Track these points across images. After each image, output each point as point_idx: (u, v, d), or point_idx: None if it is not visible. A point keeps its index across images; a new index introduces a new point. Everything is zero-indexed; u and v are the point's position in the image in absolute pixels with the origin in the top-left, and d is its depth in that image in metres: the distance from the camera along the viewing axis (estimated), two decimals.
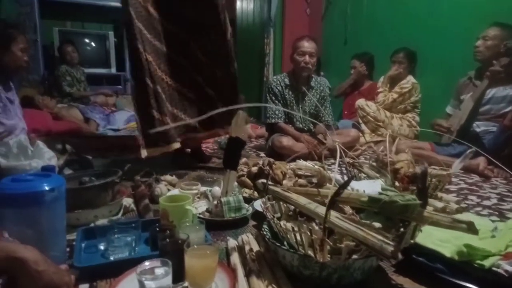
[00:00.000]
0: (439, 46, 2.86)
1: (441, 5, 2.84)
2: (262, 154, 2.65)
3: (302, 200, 0.90)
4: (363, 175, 1.66)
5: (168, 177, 1.66)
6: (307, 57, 2.53)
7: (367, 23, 3.51)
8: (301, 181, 1.27)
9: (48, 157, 1.31)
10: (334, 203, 0.77)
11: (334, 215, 0.78)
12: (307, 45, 2.54)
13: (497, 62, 2.09)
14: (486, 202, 1.62)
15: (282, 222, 0.94)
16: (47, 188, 0.87)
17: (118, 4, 4.50)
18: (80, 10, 4.43)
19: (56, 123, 3.05)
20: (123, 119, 3.53)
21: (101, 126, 3.35)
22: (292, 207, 1.01)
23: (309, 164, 2.04)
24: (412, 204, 0.73)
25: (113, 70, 4.54)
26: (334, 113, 3.00)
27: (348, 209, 0.93)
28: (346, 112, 3.47)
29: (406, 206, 0.73)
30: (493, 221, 1.33)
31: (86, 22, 4.68)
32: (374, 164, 1.67)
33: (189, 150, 2.31)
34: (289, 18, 4.80)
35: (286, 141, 2.42)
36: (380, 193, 0.78)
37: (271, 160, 1.64)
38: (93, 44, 4.48)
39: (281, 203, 1.06)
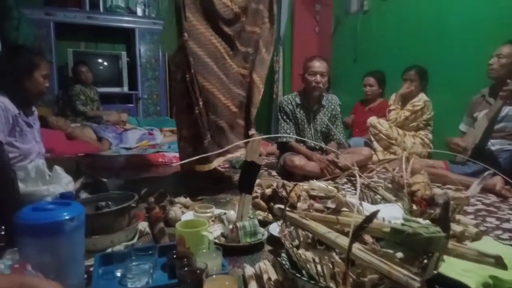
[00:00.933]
0: (450, 64, 2.86)
1: (452, 22, 2.85)
2: (274, 173, 2.64)
3: (322, 229, 0.89)
4: (379, 196, 1.64)
5: (182, 199, 1.66)
6: (318, 77, 2.55)
7: (377, 41, 3.53)
8: (317, 205, 1.25)
9: (65, 182, 1.33)
10: (358, 236, 0.75)
11: (355, 246, 0.76)
12: (318, 65, 2.56)
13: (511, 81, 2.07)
14: (505, 225, 1.59)
15: (301, 251, 0.93)
16: (67, 217, 0.87)
17: (130, 25, 4.64)
18: (94, 31, 4.56)
19: (69, 143, 3.11)
20: (135, 138, 3.57)
21: (114, 145, 3.38)
22: (311, 234, 1.00)
23: (322, 184, 2.03)
24: (436, 237, 0.71)
25: (125, 89, 4.62)
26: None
27: (368, 237, 0.92)
28: (357, 130, 3.46)
29: (431, 239, 0.71)
30: None
31: (100, 42, 4.80)
32: (389, 185, 1.65)
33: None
34: (298, 36, 4.85)
35: (298, 160, 2.41)
36: (403, 224, 0.77)
37: (285, 182, 1.64)
38: (106, 64, 4.58)
39: (299, 230, 1.05)
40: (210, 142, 1.94)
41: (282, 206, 1.12)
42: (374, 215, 0.74)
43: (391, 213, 1.23)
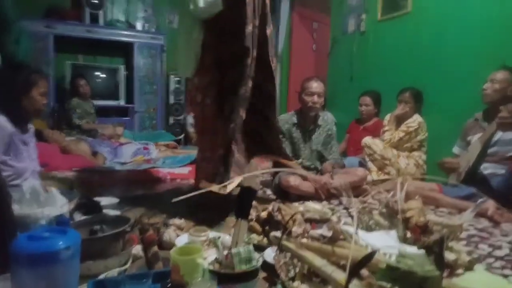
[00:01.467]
0: (445, 86, 2.91)
1: (447, 46, 2.92)
2: (269, 192, 2.64)
3: (318, 262, 0.89)
4: (373, 221, 1.64)
5: (176, 220, 1.65)
6: (315, 97, 2.58)
7: (373, 62, 3.59)
8: (313, 232, 1.26)
9: (60, 204, 1.32)
10: (356, 274, 0.76)
11: (352, 283, 0.77)
12: (315, 86, 2.60)
13: (505, 108, 2.11)
14: (497, 252, 1.60)
15: (297, 283, 0.93)
16: (63, 246, 0.87)
17: (129, 39, 4.67)
18: (93, 44, 4.59)
19: (64, 157, 3.09)
20: (130, 152, 3.56)
21: (108, 159, 3.37)
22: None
23: (317, 206, 2.04)
24: (431, 276, 0.72)
25: (122, 102, 4.63)
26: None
27: (364, 271, 0.92)
28: (351, 148, 3.48)
29: (426, 277, 0.72)
30: (506, 276, 1.31)
31: (98, 55, 4.82)
32: (384, 210, 1.66)
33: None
34: (296, 53, 4.92)
35: (293, 180, 2.42)
36: (398, 261, 0.78)
37: (281, 205, 1.65)
38: (103, 77, 4.59)
39: (295, 259, 1.05)
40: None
41: (278, 234, 1.13)
42: (371, 256, 0.74)
43: (386, 241, 1.24)
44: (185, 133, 5.11)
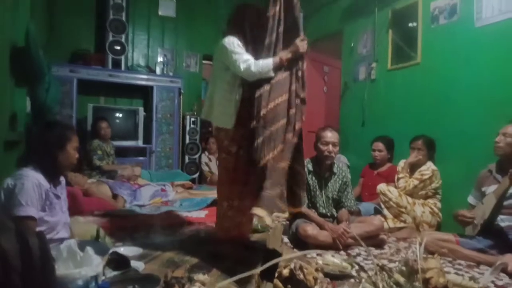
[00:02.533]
0: (457, 135, 2.97)
1: (456, 97, 3.00)
2: (286, 239, 2.66)
3: None
4: (393, 279, 1.67)
5: (201, 276, 1.70)
6: (330, 147, 2.67)
7: (384, 108, 3.70)
8: None
9: (96, 263, 1.39)
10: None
11: None
12: (330, 135, 2.69)
13: None
14: None
15: None
16: None
17: (149, 83, 4.87)
18: (114, 87, 4.80)
19: (86, 200, 3.19)
20: (148, 194, 3.66)
21: (128, 201, 3.46)
22: None
23: (336, 260, 2.07)
24: None
25: (140, 142, 4.77)
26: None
27: None
28: (366, 194, 3.52)
29: None
30: None
31: (119, 97, 5.04)
32: (403, 268, 1.69)
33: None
34: (307, 95, 5.06)
35: (310, 229, 2.45)
36: None
37: (302, 264, 1.69)
38: (123, 118, 4.77)
39: None
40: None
41: None
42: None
43: None
44: (200, 171, 5.21)
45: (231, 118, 2.11)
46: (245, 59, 2.04)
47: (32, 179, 1.65)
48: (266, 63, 2.03)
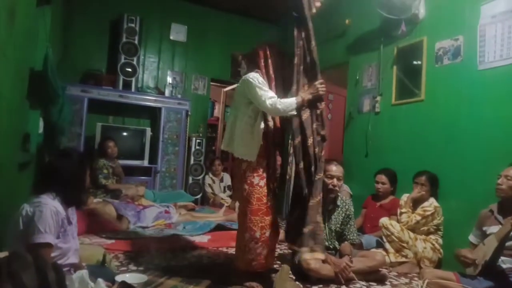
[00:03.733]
0: (459, 173, 3.02)
1: (459, 135, 3.06)
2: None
3: None
4: None
5: None
6: (335, 180, 2.73)
7: (388, 141, 3.76)
8: None
9: None
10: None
11: None
12: (335, 169, 2.76)
13: None
14: None
15: None
16: None
17: (157, 104, 4.99)
18: (122, 107, 4.91)
19: (91, 221, 3.22)
20: (152, 216, 3.69)
21: (132, 223, 3.49)
22: None
23: None
24: None
25: (146, 162, 4.84)
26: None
27: None
28: (368, 225, 3.55)
29: None
30: None
31: (127, 117, 5.14)
32: None
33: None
34: None
35: (313, 263, 2.48)
36: None
37: None
38: (131, 138, 4.85)
39: None
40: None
41: None
42: None
43: None
44: (203, 192, 5.25)
45: (253, 151, 2.20)
46: (270, 96, 2.15)
47: (51, 207, 1.69)
48: (290, 102, 2.17)
